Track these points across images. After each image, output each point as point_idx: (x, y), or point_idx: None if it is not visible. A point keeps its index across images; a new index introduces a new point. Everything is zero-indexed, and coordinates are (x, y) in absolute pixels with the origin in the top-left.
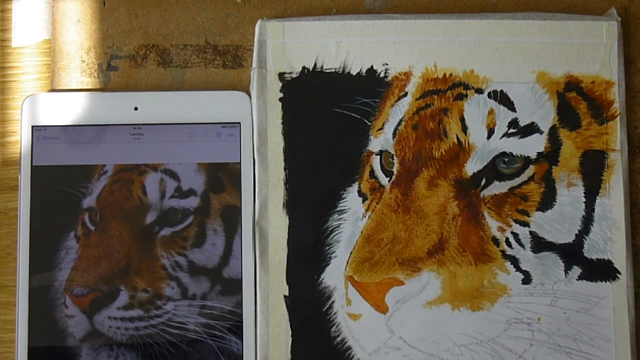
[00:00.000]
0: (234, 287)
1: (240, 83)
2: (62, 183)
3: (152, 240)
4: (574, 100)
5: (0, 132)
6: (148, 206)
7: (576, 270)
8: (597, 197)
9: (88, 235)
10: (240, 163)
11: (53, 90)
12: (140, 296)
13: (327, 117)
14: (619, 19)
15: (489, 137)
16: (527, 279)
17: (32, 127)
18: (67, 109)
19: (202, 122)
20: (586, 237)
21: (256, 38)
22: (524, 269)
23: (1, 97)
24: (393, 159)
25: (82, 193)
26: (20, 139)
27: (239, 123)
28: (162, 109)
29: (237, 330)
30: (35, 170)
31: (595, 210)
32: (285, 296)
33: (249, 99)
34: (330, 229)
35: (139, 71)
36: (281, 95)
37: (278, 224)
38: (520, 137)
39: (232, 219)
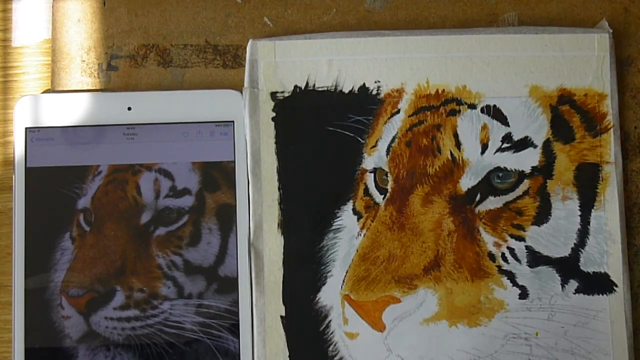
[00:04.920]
0: (230, 285)
1: (240, 83)
2: (56, 184)
3: (147, 240)
4: (567, 114)
5: (0, 132)
6: (143, 206)
7: (573, 284)
8: (592, 210)
9: (83, 236)
10: (234, 161)
11: (53, 90)
12: (137, 296)
13: (320, 135)
14: (611, 31)
15: (482, 152)
16: (524, 294)
17: (26, 128)
18: (60, 110)
19: (195, 121)
20: (582, 250)
21: (247, 58)
22: (520, 283)
23: (1, 97)
24: (387, 177)
25: (76, 194)
26: (14, 141)
27: (233, 122)
28: (156, 108)
29: (233, 328)
30: (30, 172)
31: (591, 223)
32: (282, 316)
33: (241, 97)
34: (325, 248)
35: (139, 71)
36: (274, 114)
37: (273, 244)
38: (514, 152)
39: (227, 218)
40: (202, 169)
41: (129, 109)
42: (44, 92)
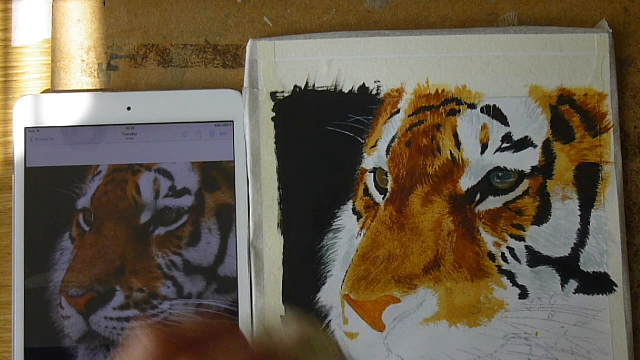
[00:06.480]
0: (229, 285)
1: (240, 83)
2: (56, 184)
3: (147, 240)
4: (567, 114)
5: (1, 132)
6: (142, 206)
7: (573, 284)
8: (592, 210)
9: (83, 236)
10: (234, 161)
11: (53, 90)
12: (136, 296)
13: (320, 135)
14: (611, 31)
15: (482, 152)
16: (524, 294)
17: (25, 128)
18: (60, 110)
19: (195, 121)
20: (582, 250)
21: (247, 58)
22: (520, 283)
23: (1, 97)
24: (387, 177)
25: (76, 194)
26: (14, 141)
27: (232, 122)
28: (155, 108)
29: None
30: (29, 172)
31: (591, 223)
32: (282, 317)
33: (241, 98)
34: (325, 248)
35: (139, 71)
36: (274, 114)
37: (273, 244)
38: (514, 152)
39: (226, 218)
40: (201, 168)
41: (129, 109)
42: (44, 92)
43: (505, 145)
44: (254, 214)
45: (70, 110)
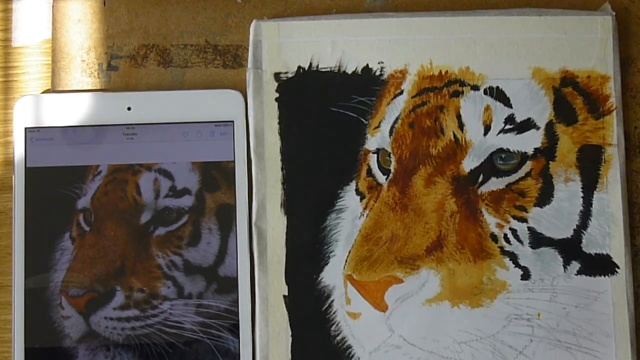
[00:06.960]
0: (229, 285)
1: (240, 83)
2: (56, 184)
3: (147, 240)
4: (570, 96)
5: (1, 132)
6: (142, 206)
7: (575, 266)
8: (595, 192)
9: (83, 236)
10: (234, 161)
11: (53, 90)
12: (136, 296)
13: (323, 116)
14: (614, 13)
15: (485, 133)
16: (526, 275)
17: (25, 128)
18: (60, 110)
19: (195, 121)
20: (584, 232)
21: (251, 39)
22: (522, 264)
23: (1, 97)
24: (390, 157)
25: (76, 194)
26: (14, 141)
27: (232, 122)
28: (155, 108)
29: (233, 328)
30: (29, 172)
31: (593, 205)
32: (284, 296)
33: (241, 98)
34: (328, 228)
35: (139, 71)
36: (277, 95)
37: (276, 224)
38: (517, 133)
39: (226, 218)
40: (201, 168)
41: (129, 109)
42: (44, 92)
43: (508, 126)
44: (257, 194)
45: (70, 110)
